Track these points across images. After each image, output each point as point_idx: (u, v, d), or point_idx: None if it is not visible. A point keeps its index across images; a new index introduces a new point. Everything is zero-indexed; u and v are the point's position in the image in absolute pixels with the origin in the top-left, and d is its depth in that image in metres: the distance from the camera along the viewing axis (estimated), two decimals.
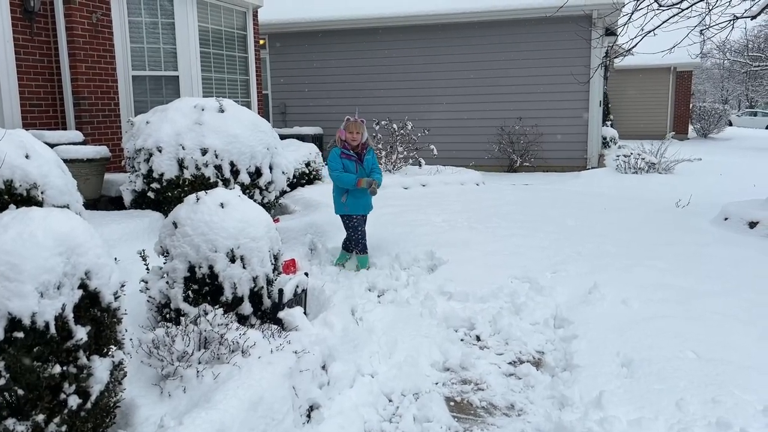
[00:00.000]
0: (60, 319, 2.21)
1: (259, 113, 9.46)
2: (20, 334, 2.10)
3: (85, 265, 2.34)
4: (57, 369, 2.20)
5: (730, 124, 33.53)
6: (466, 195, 9.25)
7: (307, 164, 9.27)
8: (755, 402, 3.06)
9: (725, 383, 3.24)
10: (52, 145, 5.87)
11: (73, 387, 2.27)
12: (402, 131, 11.24)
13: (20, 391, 2.12)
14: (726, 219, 6.79)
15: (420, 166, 11.20)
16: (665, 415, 3.01)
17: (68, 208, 3.50)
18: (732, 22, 8.04)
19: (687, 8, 7.88)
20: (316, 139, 13.02)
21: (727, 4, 8.25)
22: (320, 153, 10.00)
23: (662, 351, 3.63)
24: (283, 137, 9.41)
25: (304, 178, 9.14)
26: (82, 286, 2.33)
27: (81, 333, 2.29)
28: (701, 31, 8.89)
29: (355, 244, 5.67)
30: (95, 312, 2.40)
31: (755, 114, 38.94)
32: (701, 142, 22.75)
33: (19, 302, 2.09)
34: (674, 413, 3.02)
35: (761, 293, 4.58)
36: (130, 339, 3.01)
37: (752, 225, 6.43)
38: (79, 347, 2.29)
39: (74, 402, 2.27)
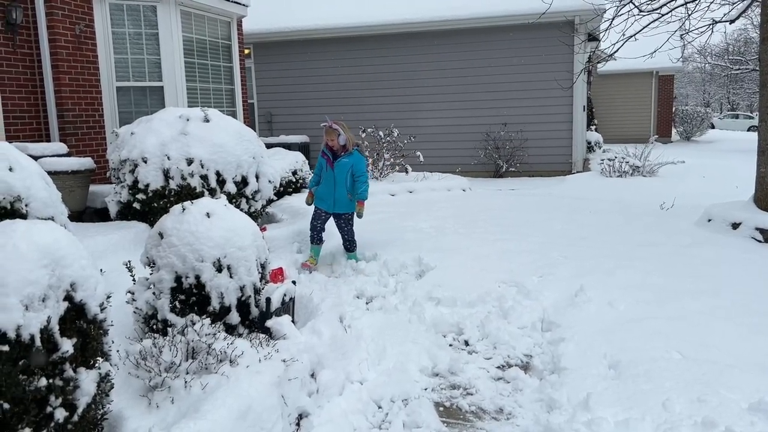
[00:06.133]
0: (45, 332, 2.19)
1: (244, 122, 9.46)
2: (5, 348, 2.08)
3: (71, 276, 2.33)
4: (43, 382, 2.18)
5: (713, 127, 33.95)
6: (452, 201, 9.29)
7: (294, 173, 9.27)
8: (740, 400, 3.09)
9: (710, 382, 3.27)
10: (36, 158, 5.86)
11: (60, 400, 2.26)
12: (388, 138, 11.27)
13: (6, 405, 2.11)
14: (709, 220, 6.87)
15: (407, 172, 11.23)
16: (652, 415, 3.03)
17: (53, 220, 3.49)
18: (711, 27, 8.16)
19: (667, 13, 7.99)
20: (303, 148, 13.01)
21: (707, 8, 8.38)
22: (306, 161, 10.00)
23: (648, 352, 3.66)
24: (269, 146, 9.41)
25: (291, 186, 9.13)
26: (68, 298, 2.32)
27: (67, 345, 2.28)
28: (681, 35, 9.01)
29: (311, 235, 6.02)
30: (81, 324, 2.39)
31: (737, 116, 39.45)
32: (684, 145, 23.01)
33: (3, 315, 2.08)
34: (661, 413, 3.04)
35: (743, 293, 4.64)
36: (117, 350, 2.99)
37: (735, 226, 6.51)
38: (65, 359, 2.28)
39: (61, 415, 2.26)
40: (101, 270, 2.62)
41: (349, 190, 5.79)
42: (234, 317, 3.49)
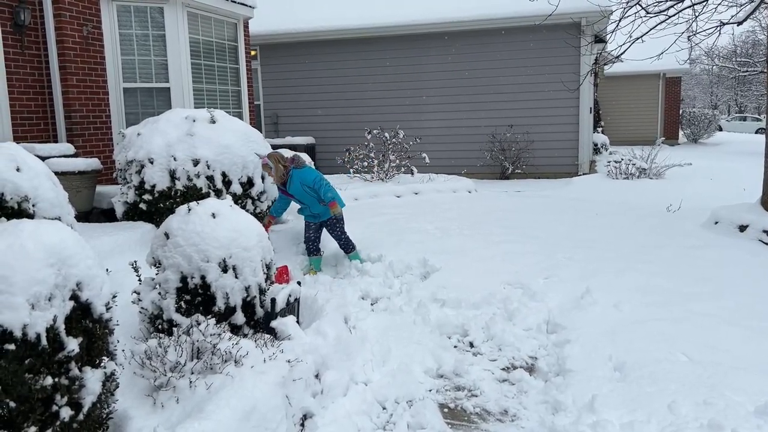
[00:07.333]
0: (51, 331, 2.21)
1: (250, 124, 9.48)
2: (11, 346, 2.09)
3: (77, 276, 2.34)
4: (49, 381, 2.19)
5: (720, 129, 33.71)
6: (458, 202, 9.28)
7: None
8: (746, 403, 3.08)
9: (716, 385, 3.26)
10: (43, 158, 5.89)
11: (65, 399, 2.27)
12: (394, 140, 11.27)
13: (12, 404, 2.12)
14: (716, 223, 6.84)
15: (412, 174, 11.22)
16: (657, 417, 3.02)
17: (60, 220, 3.50)
18: (719, 29, 8.13)
19: (674, 15, 7.96)
20: (309, 149, 13.03)
21: (714, 10, 8.35)
22: (313, 163, 9.99)
23: (654, 354, 3.65)
24: (275, 147, 9.39)
25: None
26: (74, 297, 2.33)
27: (72, 344, 2.29)
28: (689, 37, 8.97)
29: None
30: (87, 323, 2.40)
31: (744, 119, 39.24)
32: (691, 147, 22.90)
33: (10, 314, 2.09)
34: (666, 416, 3.03)
35: (748, 295, 4.62)
36: (123, 350, 3.01)
37: (742, 228, 6.48)
38: (70, 359, 2.29)
39: (66, 414, 2.27)
40: (107, 270, 2.63)
41: (320, 199, 5.79)
42: (239, 317, 3.50)
